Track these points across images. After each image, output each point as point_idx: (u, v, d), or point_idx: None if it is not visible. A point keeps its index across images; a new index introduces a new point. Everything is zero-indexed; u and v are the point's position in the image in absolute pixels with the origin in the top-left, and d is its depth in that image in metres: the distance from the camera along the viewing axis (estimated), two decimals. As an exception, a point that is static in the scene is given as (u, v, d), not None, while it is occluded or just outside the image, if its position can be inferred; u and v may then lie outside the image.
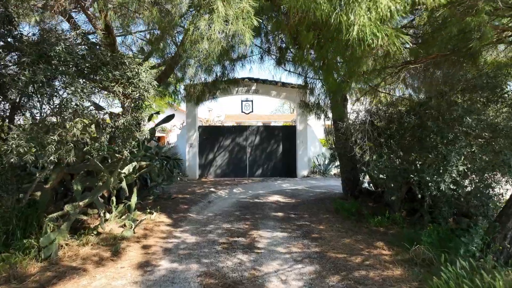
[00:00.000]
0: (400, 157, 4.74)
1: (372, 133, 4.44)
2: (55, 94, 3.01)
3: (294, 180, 10.46)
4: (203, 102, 8.50)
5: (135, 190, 5.14)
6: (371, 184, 7.53)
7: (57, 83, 3.26)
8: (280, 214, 5.91)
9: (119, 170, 4.34)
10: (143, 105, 3.70)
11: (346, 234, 4.64)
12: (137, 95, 3.53)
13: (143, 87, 3.53)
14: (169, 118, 6.86)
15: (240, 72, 9.44)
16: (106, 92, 3.71)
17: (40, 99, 2.97)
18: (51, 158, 2.88)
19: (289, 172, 11.44)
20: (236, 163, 11.51)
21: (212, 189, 8.41)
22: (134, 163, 4.76)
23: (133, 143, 3.99)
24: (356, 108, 7.04)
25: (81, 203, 4.09)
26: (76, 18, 7.04)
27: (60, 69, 2.94)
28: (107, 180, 4.12)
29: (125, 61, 3.48)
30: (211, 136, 11.49)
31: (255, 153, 11.51)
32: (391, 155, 4.62)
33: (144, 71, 3.55)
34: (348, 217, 5.60)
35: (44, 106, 3.12)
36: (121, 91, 3.43)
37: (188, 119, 11.13)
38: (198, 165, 11.36)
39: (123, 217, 5.00)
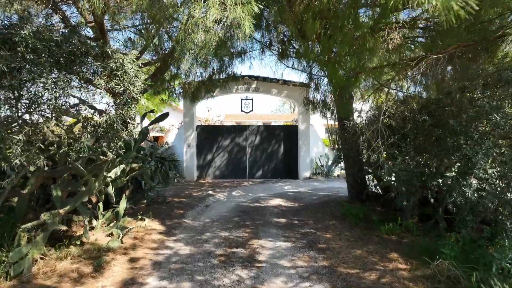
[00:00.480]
0: (414, 159, 4.31)
1: (385, 133, 4.01)
2: (23, 87, 2.57)
3: (296, 182, 10.03)
4: (199, 99, 8.07)
5: (124, 195, 4.70)
6: (378, 187, 7.13)
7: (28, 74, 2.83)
8: (282, 220, 5.48)
9: (104, 173, 3.90)
10: (129, 101, 3.26)
11: (356, 244, 4.21)
12: (122, 89, 3.10)
13: (128, 80, 3.09)
14: (163, 116, 6.43)
15: (240, 67, 9.07)
16: (91, 87, 3.28)
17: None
18: (16, 161, 2.44)
19: (290, 173, 11.01)
20: (235, 164, 11.08)
21: (210, 192, 7.97)
22: (123, 166, 4.32)
23: (119, 143, 3.56)
24: (359, 107, 6.65)
25: (61, 211, 3.66)
26: (66, 12, 6.63)
27: (28, 57, 2.51)
28: (91, 184, 3.69)
29: (108, 50, 3.05)
30: (209, 136, 11.06)
31: (255, 153, 11.08)
32: (406, 157, 4.18)
33: (129, 62, 3.11)
34: (356, 224, 5.17)
35: (11, 102, 2.69)
36: (103, 84, 3.00)
37: (186, 118, 10.69)
38: (196, 166, 10.93)
39: (112, 224, 4.57)
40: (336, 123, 11.47)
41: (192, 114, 10.67)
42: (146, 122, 20.25)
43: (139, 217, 5.07)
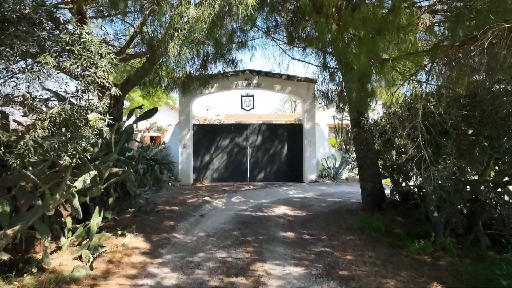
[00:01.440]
0: (457, 163, 3.47)
1: (426, 130, 3.17)
2: None
3: (301, 186, 9.19)
4: (191, 91, 7.21)
5: (97, 208, 3.86)
6: (394, 193, 6.31)
7: None
8: (290, 234, 4.64)
9: (68, 183, 3.07)
10: (91, 87, 2.42)
11: (385, 269, 3.38)
12: (79, 69, 2.26)
13: (88, 59, 2.26)
14: (151, 112, 5.61)
15: (239, 55, 8.10)
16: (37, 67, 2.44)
17: None
18: None
19: (295, 176, 10.16)
20: (235, 166, 10.24)
21: (206, 198, 7.13)
22: (94, 172, 3.49)
23: (83, 144, 2.73)
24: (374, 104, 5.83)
25: (9, 231, 2.83)
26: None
27: None
28: (46, 198, 2.86)
29: (58, 16, 2.21)
30: (207, 136, 10.22)
31: (257, 154, 10.25)
32: (447, 161, 3.35)
33: (89, 33, 2.27)
34: (378, 239, 4.34)
35: None
36: (51, 62, 2.16)
37: (181, 116, 9.86)
38: (193, 168, 10.09)
39: (85, 242, 3.74)
40: (347, 121, 10.67)
41: (188, 112, 9.83)
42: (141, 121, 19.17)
43: (119, 232, 4.23)
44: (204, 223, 5.23)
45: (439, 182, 3.08)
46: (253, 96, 10.06)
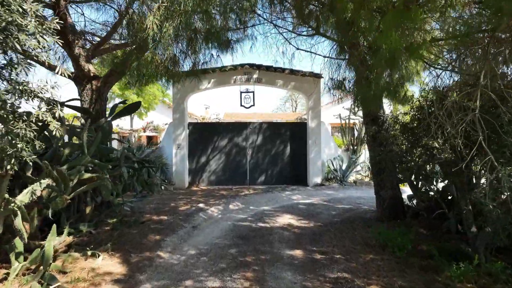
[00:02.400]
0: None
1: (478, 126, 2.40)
2: None
3: (306, 190, 8.42)
4: (179, 80, 6.43)
5: (54, 226, 3.08)
6: (412, 200, 5.56)
7: None
8: (298, 252, 3.87)
9: (7, 196, 2.30)
10: (15, 58, 1.65)
11: (425, 307, 2.61)
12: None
13: (5, 19, 1.48)
14: (133, 107, 4.85)
15: (238, 39, 7.27)
16: None
17: None
18: None
19: (298, 179, 9.40)
20: (234, 168, 9.47)
21: (201, 205, 6.36)
22: (46, 181, 2.71)
23: (20, 145, 1.96)
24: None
25: None
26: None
27: None
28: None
29: None
30: (204, 135, 9.45)
31: (257, 155, 9.48)
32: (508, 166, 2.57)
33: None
34: (405, 260, 3.58)
35: None
36: None
37: (176, 114, 9.09)
38: (188, 171, 9.32)
39: (41, 268, 2.97)
40: (353, 120, 9.88)
41: (183, 109, 9.06)
42: (138, 121, 18.26)
43: (89, 252, 3.46)
44: (196, 237, 4.46)
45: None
46: (253, 92, 9.29)
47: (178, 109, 9.06)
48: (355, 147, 9.76)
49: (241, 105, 9.30)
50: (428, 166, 4.30)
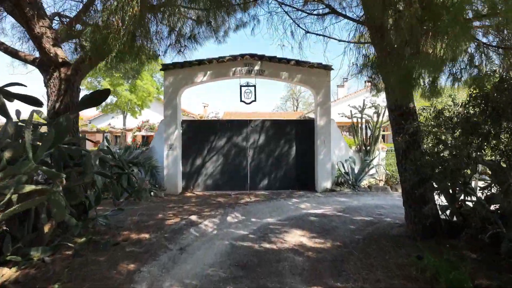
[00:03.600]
0: None
1: None
2: None
3: (315, 197, 7.40)
4: (155, 59, 5.43)
5: None
6: (448, 212, 4.56)
7: None
8: (318, 292, 2.86)
9: None
10: None
11: None
12: None
13: None
14: (101, 96, 3.82)
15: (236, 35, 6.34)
16: None
17: None
18: None
19: (305, 183, 8.39)
20: (233, 171, 8.46)
21: (193, 217, 5.35)
22: None
23: None
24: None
25: None
26: None
27: None
28: None
29: None
30: (199, 134, 8.44)
31: (259, 157, 8.47)
32: None
33: None
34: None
35: None
36: None
37: (167, 110, 8.07)
38: (181, 174, 8.32)
39: None
40: (361, 117, 8.84)
41: (176, 105, 8.05)
42: (134, 121, 17.37)
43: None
44: (182, 265, 3.44)
45: None
46: (254, 86, 8.27)
47: (170, 105, 8.04)
48: (368, 148, 8.74)
49: (241, 100, 8.28)
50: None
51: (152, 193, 7.61)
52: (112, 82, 14.11)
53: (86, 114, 22.53)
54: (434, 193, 4.47)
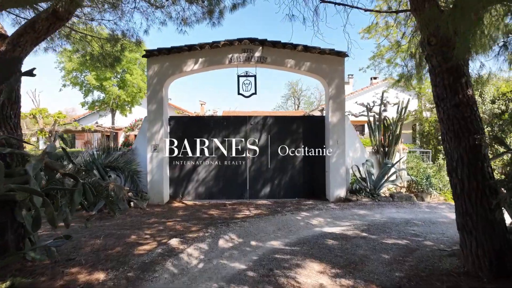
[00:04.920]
0: None
1: None
2: None
3: (328, 209, 6.13)
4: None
5: None
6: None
7: None
8: None
9: None
10: None
11: None
12: None
13: None
14: (7, 65, 2.54)
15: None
16: None
17: None
18: None
19: (315, 191, 7.15)
20: (229, 177, 7.20)
21: (174, 241, 4.08)
22: None
23: None
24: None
25: None
26: None
27: None
28: None
29: None
30: (190, 133, 7.18)
31: (260, 159, 7.21)
32: None
33: None
34: None
35: None
36: None
37: (151, 104, 6.81)
38: (169, 180, 7.06)
39: None
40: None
41: (161, 99, 6.79)
42: (121, 118, 16.05)
43: None
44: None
45: None
46: (254, 76, 7.01)
47: (155, 98, 6.78)
48: (387, 149, 7.48)
49: (238, 93, 7.02)
50: None
51: (132, 204, 6.35)
52: (98, 76, 12.85)
53: (75, 113, 21.26)
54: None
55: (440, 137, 9.57)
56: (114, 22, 6.72)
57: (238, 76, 7.02)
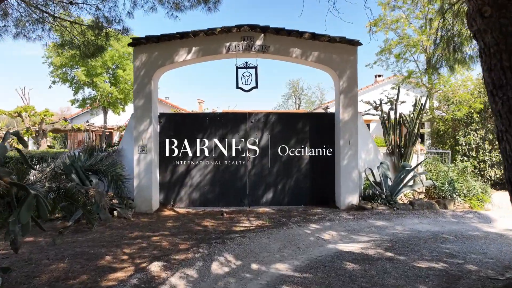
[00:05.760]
0: None
1: None
2: None
3: (341, 219, 5.33)
4: None
5: None
6: None
7: None
8: None
9: None
10: None
11: None
12: None
13: None
14: None
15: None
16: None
17: None
18: None
19: (323, 197, 6.37)
20: (227, 181, 6.40)
21: (155, 266, 3.28)
22: None
23: None
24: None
25: None
26: None
27: None
28: None
29: None
30: (183, 132, 6.39)
31: (262, 162, 6.42)
32: None
33: None
34: None
35: None
36: None
37: (138, 99, 6.02)
38: (159, 185, 6.27)
39: None
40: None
41: (150, 93, 5.99)
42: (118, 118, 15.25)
43: None
44: None
45: None
46: (255, 67, 6.22)
47: (142, 92, 5.99)
48: (403, 150, 6.69)
49: (237, 87, 6.23)
50: None
51: (115, 213, 5.56)
52: (89, 71, 12.05)
53: (70, 112, 20.46)
54: None
55: (457, 137, 8.77)
56: (96, 6, 5.95)
57: (237, 68, 6.22)
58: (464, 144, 8.47)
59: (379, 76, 21.98)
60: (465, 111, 8.44)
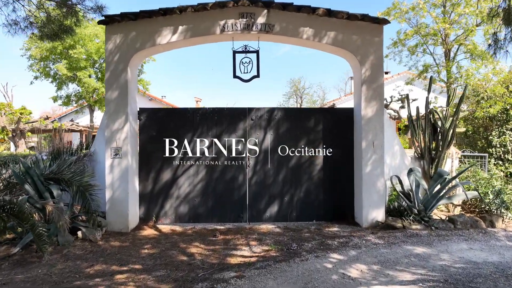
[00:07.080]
0: None
1: None
2: None
3: (368, 243, 4.14)
4: None
5: None
6: None
7: None
8: None
9: None
10: None
11: None
12: None
13: None
14: None
15: None
16: None
17: None
18: None
19: (339, 210, 5.20)
20: (222, 192, 5.23)
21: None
22: None
23: None
24: None
25: None
26: None
27: None
28: None
29: None
30: (168, 131, 5.22)
31: (264, 168, 5.25)
32: None
33: None
34: None
35: None
36: None
37: (111, 91, 4.84)
38: (139, 197, 5.10)
39: None
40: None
41: (126, 83, 4.81)
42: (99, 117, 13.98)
43: None
44: None
45: None
46: (256, 52, 5.05)
47: (117, 82, 4.81)
48: (434, 153, 5.52)
49: (234, 76, 5.06)
50: None
51: (79, 234, 4.39)
52: (71, 65, 10.88)
53: (61, 111, 19.30)
54: None
55: (491, 138, 7.60)
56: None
57: (234, 52, 5.05)
58: (498, 145, 7.30)
59: (386, 73, 20.94)
60: (499, 107, 7.28)
